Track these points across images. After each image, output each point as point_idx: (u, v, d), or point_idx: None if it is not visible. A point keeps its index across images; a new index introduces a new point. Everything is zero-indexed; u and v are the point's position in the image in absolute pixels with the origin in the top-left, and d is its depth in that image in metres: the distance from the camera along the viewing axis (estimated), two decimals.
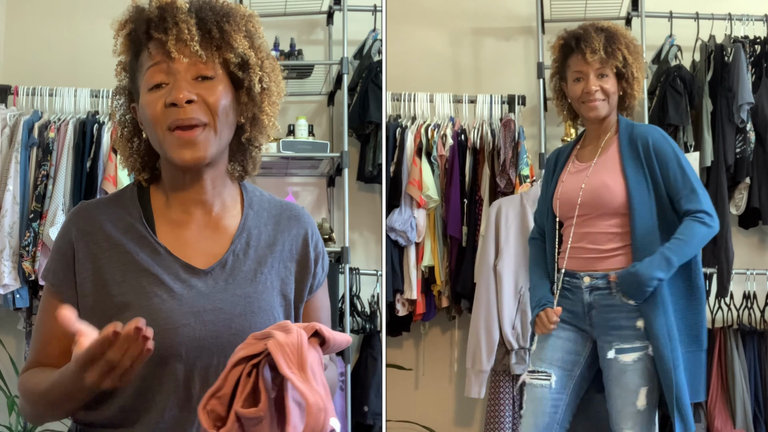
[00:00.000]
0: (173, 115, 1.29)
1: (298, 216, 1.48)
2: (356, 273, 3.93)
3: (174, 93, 1.29)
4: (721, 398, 3.81)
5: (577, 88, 2.56)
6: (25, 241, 3.53)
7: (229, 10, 1.36)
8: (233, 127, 1.38)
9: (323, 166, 3.97)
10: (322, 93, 4.19)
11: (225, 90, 1.33)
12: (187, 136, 1.29)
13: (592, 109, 2.55)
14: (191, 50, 1.30)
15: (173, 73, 1.31)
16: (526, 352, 3.54)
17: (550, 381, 2.50)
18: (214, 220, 1.40)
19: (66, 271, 1.35)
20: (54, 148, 3.62)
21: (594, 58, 2.52)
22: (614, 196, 2.48)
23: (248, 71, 1.35)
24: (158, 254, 1.34)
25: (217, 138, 1.32)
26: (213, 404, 1.13)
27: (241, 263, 1.38)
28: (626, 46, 2.56)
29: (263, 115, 1.38)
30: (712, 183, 3.83)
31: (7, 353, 3.79)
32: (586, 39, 2.55)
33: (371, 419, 3.70)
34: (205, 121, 1.30)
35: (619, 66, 2.54)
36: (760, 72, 3.90)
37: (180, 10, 1.31)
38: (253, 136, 1.40)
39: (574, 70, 2.58)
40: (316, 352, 1.16)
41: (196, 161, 1.31)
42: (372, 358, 3.79)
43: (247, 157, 1.45)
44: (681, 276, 2.48)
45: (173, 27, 1.30)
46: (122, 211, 1.38)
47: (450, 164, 3.83)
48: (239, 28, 1.35)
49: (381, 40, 3.88)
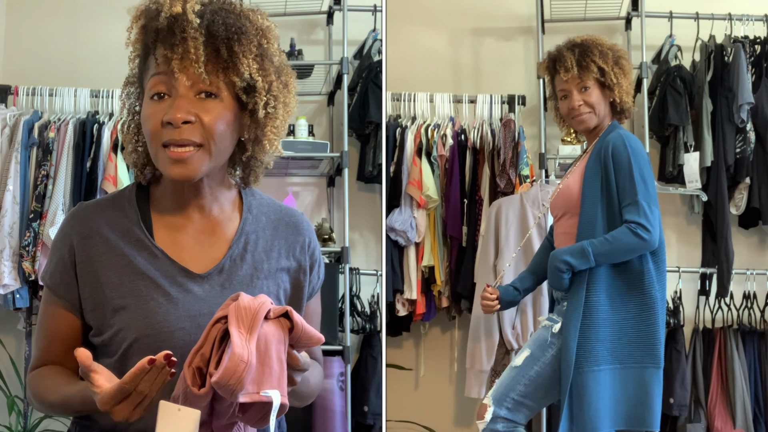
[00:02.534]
0: (168, 134, 1.28)
1: (296, 223, 1.48)
2: (356, 273, 3.93)
3: (171, 112, 1.27)
4: (721, 398, 3.81)
5: (564, 106, 2.68)
6: (25, 241, 3.53)
7: (243, 25, 1.30)
8: (233, 144, 1.36)
9: (323, 166, 3.97)
10: (322, 93, 4.19)
11: (226, 110, 1.30)
12: (178, 155, 1.28)
13: (579, 122, 2.66)
14: (195, 71, 1.27)
15: (175, 87, 1.28)
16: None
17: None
18: (212, 224, 1.40)
19: (66, 273, 1.35)
20: (54, 148, 3.62)
21: (568, 76, 2.62)
22: (571, 196, 2.58)
23: (254, 95, 1.32)
24: (155, 258, 1.34)
25: (210, 159, 1.31)
26: (197, 362, 1.15)
27: (238, 268, 1.38)
28: (601, 56, 2.62)
29: (265, 139, 1.36)
30: (712, 183, 3.83)
31: (7, 353, 3.79)
32: (559, 59, 2.67)
33: (371, 419, 3.70)
34: (199, 142, 1.28)
35: (597, 77, 2.62)
36: (760, 72, 3.90)
37: (190, 24, 1.26)
38: (254, 154, 1.39)
39: (559, 89, 2.69)
40: (278, 330, 1.17)
41: (186, 179, 1.30)
42: (372, 358, 3.79)
43: (249, 170, 1.44)
44: (629, 285, 2.49)
45: (180, 44, 1.26)
46: (120, 214, 1.38)
47: (450, 164, 3.83)
48: (249, 49, 1.30)
49: (381, 40, 3.88)
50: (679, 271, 3.93)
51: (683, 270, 3.95)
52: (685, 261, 4.06)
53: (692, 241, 4.08)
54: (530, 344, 2.59)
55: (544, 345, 2.53)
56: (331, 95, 4.14)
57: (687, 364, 3.78)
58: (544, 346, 2.53)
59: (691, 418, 3.75)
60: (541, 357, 2.52)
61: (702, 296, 3.97)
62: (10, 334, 3.84)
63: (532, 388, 2.51)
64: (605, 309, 2.46)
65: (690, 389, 3.75)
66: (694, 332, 3.90)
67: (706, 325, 3.94)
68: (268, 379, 1.14)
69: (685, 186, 3.81)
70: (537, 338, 2.59)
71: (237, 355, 1.10)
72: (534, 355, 2.53)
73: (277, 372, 1.16)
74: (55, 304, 1.36)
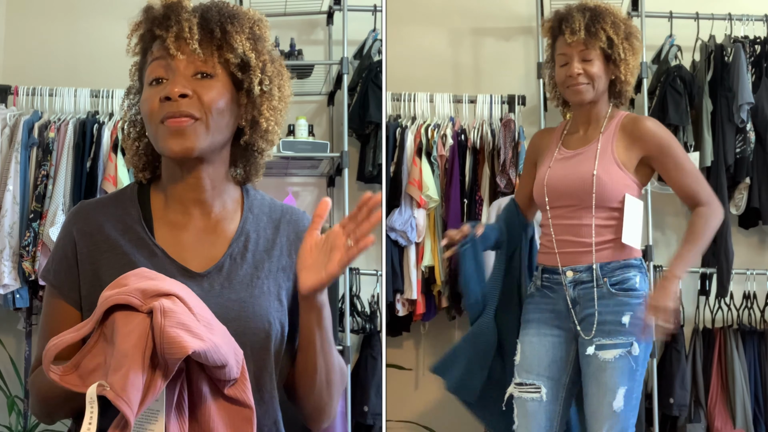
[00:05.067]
0: (167, 108, 1.30)
1: (297, 221, 1.47)
2: (356, 273, 3.93)
3: (169, 87, 1.30)
4: (721, 398, 3.81)
5: (561, 73, 2.47)
6: (25, 241, 3.53)
7: (236, 13, 1.36)
8: (231, 128, 1.37)
9: (323, 166, 3.97)
10: (322, 93, 4.19)
11: (223, 89, 1.33)
12: (176, 125, 1.29)
13: (575, 93, 2.45)
14: (190, 48, 1.30)
15: (172, 69, 1.31)
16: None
17: (540, 394, 2.41)
18: (212, 223, 1.40)
19: (68, 271, 1.35)
20: (54, 148, 3.62)
21: (574, 39, 2.41)
22: (607, 189, 2.41)
23: (248, 72, 1.35)
24: (155, 256, 1.34)
25: (208, 133, 1.32)
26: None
27: (238, 267, 1.37)
28: (612, 25, 2.42)
29: (262, 119, 1.37)
30: (712, 183, 3.81)
31: (7, 353, 3.79)
32: (567, 19, 2.45)
33: (371, 419, 3.70)
34: (197, 115, 1.30)
35: (604, 47, 2.42)
36: (760, 72, 3.90)
37: (184, 9, 1.33)
38: (253, 139, 1.39)
39: (559, 53, 2.49)
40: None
41: (185, 152, 1.31)
42: (372, 358, 3.79)
43: (250, 162, 1.44)
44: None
45: (175, 25, 1.31)
46: (121, 212, 1.38)
47: (450, 164, 3.83)
48: (242, 30, 1.35)
49: (381, 40, 3.88)
50: None
51: None
52: None
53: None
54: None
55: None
56: (331, 95, 4.14)
57: (687, 364, 3.78)
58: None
59: (691, 418, 3.75)
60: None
61: (702, 296, 3.97)
62: (10, 334, 3.83)
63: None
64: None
65: (690, 389, 3.75)
66: (694, 332, 3.90)
67: (706, 325, 3.94)
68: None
69: None
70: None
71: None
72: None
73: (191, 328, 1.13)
74: (58, 302, 1.35)
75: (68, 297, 1.35)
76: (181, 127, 1.29)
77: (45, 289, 1.41)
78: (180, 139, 1.30)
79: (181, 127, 1.29)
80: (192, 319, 1.13)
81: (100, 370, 1.12)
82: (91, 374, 1.13)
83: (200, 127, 1.31)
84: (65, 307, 1.35)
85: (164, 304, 1.11)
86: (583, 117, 2.53)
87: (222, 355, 1.14)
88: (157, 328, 1.09)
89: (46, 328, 1.37)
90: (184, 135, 1.30)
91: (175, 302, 1.13)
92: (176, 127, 1.29)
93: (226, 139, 1.38)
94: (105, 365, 1.11)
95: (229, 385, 1.19)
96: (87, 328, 1.15)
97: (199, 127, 1.31)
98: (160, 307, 1.10)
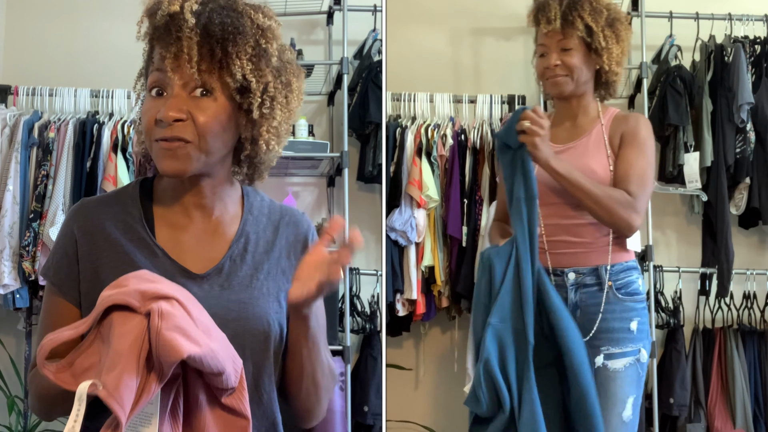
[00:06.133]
0: (160, 132, 1.28)
1: (297, 222, 1.47)
2: (356, 273, 3.93)
3: (164, 110, 1.27)
4: (721, 398, 3.81)
5: (540, 64, 2.37)
6: (25, 241, 3.53)
7: (241, 24, 1.29)
8: (230, 144, 1.36)
9: (323, 166, 3.97)
10: (322, 93, 4.19)
11: (220, 109, 1.30)
12: (167, 146, 1.28)
13: (553, 85, 2.34)
14: (188, 71, 1.27)
15: (171, 85, 1.29)
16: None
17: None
18: (213, 225, 1.40)
19: (69, 268, 1.35)
20: (54, 148, 3.62)
21: (549, 29, 2.30)
22: (605, 184, 2.27)
23: (248, 96, 1.31)
24: (156, 257, 1.34)
25: (202, 155, 1.30)
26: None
27: (238, 268, 1.37)
28: (592, 12, 2.29)
29: (261, 140, 1.35)
30: (712, 183, 3.83)
31: (7, 353, 3.79)
32: (543, 8, 2.33)
33: (371, 419, 3.70)
34: (189, 139, 1.28)
35: (583, 35, 2.29)
36: (760, 72, 3.90)
37: (186, 23, 1.26)
38: (252, 154, 1.38)
39: (539, 44, 2.38)
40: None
41: (178, 173, 1.30)
42: (372, 358, 3.79)
43: (252, 168, 1.43)
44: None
45: (174, 43, 1.27)
46: (123, 210, 1.38)
47: (450, 164, 3.83)
48: (245, 50, 1.29)
49: (381, 40, 3.88)
50: (679, 271, 3.93)
51: (683, 270, 3.95)
52: (685, 261, 4.06)
53: (692, 241, 4.08)
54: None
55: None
56: (331, 95, 4.14)
57: (687, 364, 3.78)
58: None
59: (691, 418, 3.75)
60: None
61: (702, 296, 3.97)
62: (10, 334, 3.83)
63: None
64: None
65: (690, 389, 3.75)
66: (694, 332, 3.90)
67: (706, 325, 3.94)
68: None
69: (685, 186, 3.81)
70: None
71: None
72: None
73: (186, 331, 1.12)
74: (58, 299, 1.35)
75: (68, 295, 1.35)
76: (174, 149, 1.28)
77: (45, 287, 1.41)
78: (172, 161, 1.29)
79: (174, 150, 1.28)
80: (190, 324, 1.13)
81: (94, 369, 1.12)
82: (84, 373, 1.12)
83: (193, 151, 1.29)
84: (64, 305, 1.35)
85: (162, 307, 1.10)
86: (568, 110, 2.42)
87: (219, 362, 1.13)
88: (153, 330, 1.09)
89: (45, 325, 1.36)
90: (176, 158, 1.28)
91: (174, 306, 1.13)
92: (168, 149, 1.28)
93: (224, 155, 1.36)
94: (99, 365, 1.11)
95: (227, 394, 1.18)
96: (84, 327, 1.15)
97: (193, 150, 1.29)
98: (158, 309, 1.10)
